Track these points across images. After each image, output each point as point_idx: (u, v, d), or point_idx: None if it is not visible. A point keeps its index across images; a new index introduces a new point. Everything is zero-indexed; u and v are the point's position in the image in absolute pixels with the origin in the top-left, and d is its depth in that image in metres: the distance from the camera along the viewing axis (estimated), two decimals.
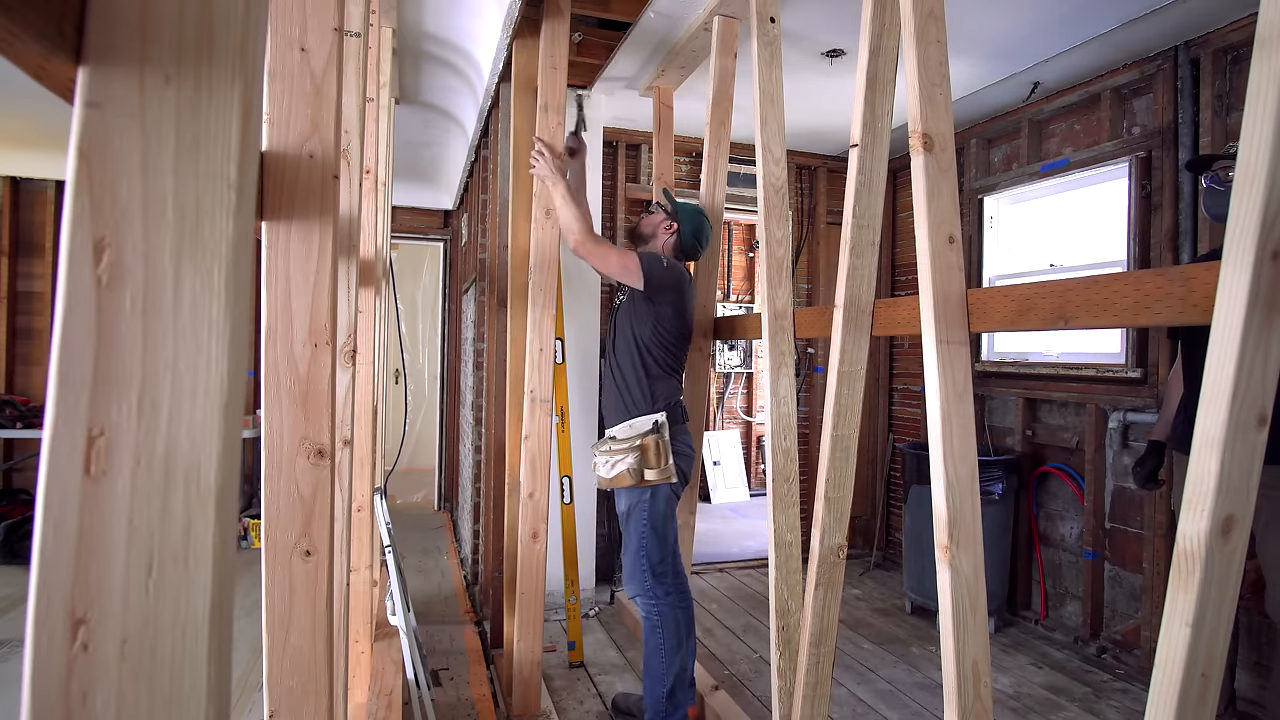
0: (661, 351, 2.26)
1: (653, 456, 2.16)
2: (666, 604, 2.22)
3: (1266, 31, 0.85)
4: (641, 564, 2.20)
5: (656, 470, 2.15)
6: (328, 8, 0.87)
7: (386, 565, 2.26)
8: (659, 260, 2.27)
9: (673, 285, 2.27)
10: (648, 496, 2.19)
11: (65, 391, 0.44)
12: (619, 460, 2.18)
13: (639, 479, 2.16)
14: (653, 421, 2.20)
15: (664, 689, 2.20)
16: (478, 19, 2.68)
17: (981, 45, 2.82)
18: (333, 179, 0.85)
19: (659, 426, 2.19)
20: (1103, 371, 2.98)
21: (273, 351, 0.85)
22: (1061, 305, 1.19)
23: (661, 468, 2.16)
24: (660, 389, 2.25)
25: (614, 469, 2.18)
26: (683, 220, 2.40)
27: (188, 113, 0.48)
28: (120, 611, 0.45)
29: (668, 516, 2.23)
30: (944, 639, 1.30)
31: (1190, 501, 0.91)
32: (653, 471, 2.15)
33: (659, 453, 2.16)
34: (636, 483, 2.16)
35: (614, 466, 2.18)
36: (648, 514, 2.19)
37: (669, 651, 2.20)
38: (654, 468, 2.15)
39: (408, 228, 5.59)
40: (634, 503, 2.20)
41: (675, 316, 2.27)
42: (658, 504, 2.20)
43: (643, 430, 2.20)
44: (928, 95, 1.38)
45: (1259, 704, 2.44)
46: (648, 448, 2.16)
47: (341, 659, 1.42)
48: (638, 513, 2.20)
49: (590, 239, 2.26)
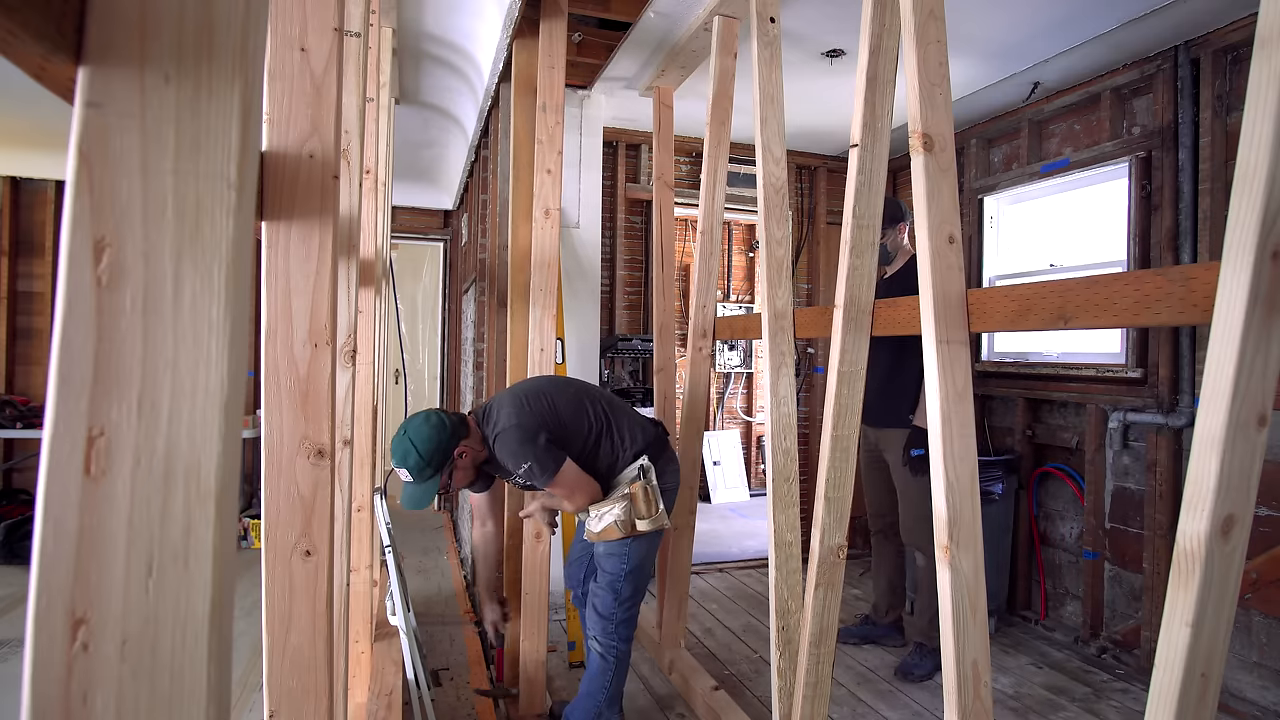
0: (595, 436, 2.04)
1: (643, 505, 1.98)
2: (625, 648, 2.09)
3: (1266, 31, 0.85)
4: (610, 605, 2.05)
5: (649, 520, 1.99)
6: (328, 8, 0.87)
7: (386, 565, 2.26)
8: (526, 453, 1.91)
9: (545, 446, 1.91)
10: (639, 542, 2.04)
11: (65, 391, 0.44)
12: (606, 512, 2.00)
13: (629, 530, 1.99)
14: (638, 468, 2.03)
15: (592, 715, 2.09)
16: (478, 19, 2.68)
17: (981, 45, 2.82)
18: (333, 179, 0.85)
19: (644, 471, 2.02)
20: (1103, 371, 2.98)
21: (273, 351, 0.85)
22: (1061, 305, 1.19)
23: (654, 515, 1.99)
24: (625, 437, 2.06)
25: (601, 521, 2.01)
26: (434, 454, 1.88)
27: (188, 113, 0.48)
28: (120, 611, 0.45)
29: (651, 558, 2.08)
30: (944, 639, 1.30)
31: (1190, 501, 0.91)
32: (644, 521, 1.99)
33: (649, 500, 1.99)
34: (627, 534, 2.00)
35: (601, 519, 2.01)
36: (629, 558, 2.03)
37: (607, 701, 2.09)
38: (645, 517, 1.98)
39: (408, 228, 5.59)
40: (615, 547, 2.04)
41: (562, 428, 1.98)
42: (640, 547, 2.04)
43: (630, 478, 2.03)
44: (928, 95, 1.38)
45: (1258, 704, 2.44)
46: (636, 496, 1.99)
47: (341, 659, 1.42)
48: (620, 554, 2.04)
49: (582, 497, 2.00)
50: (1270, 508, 2.41)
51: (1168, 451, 2.72)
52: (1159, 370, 2.77)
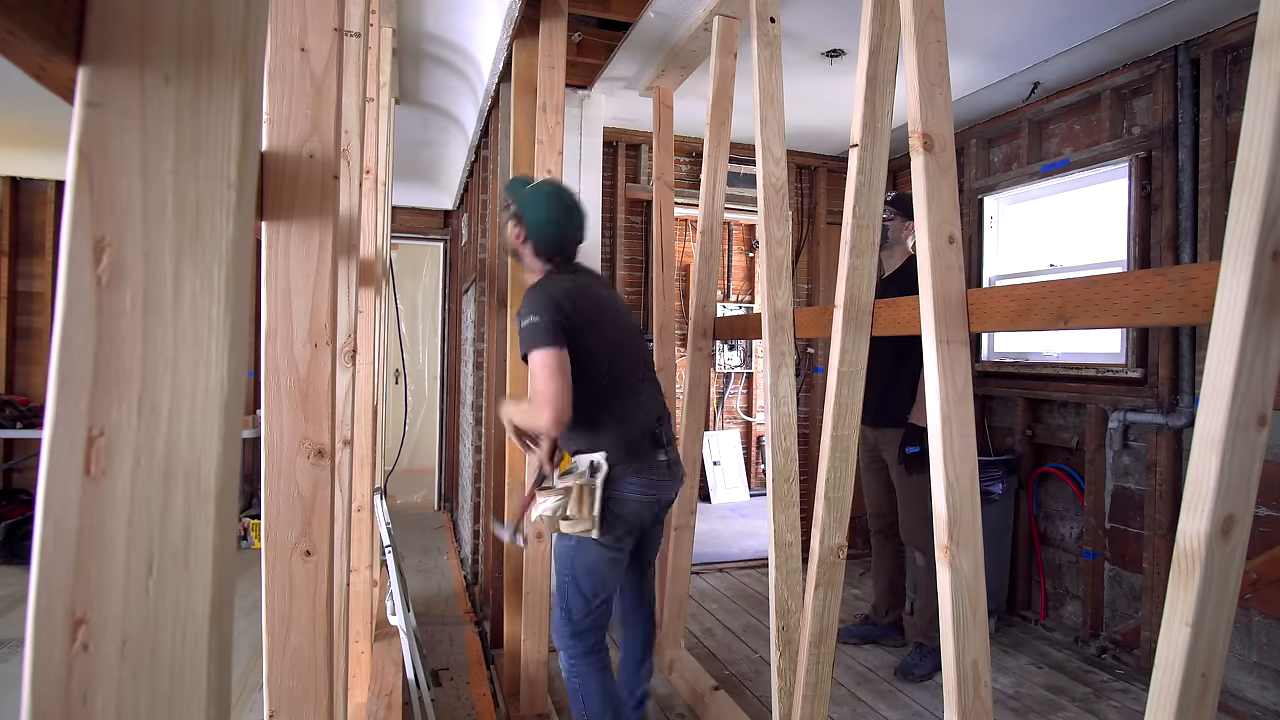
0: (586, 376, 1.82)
1: (573, 504, 1.79)
2: (584, 663, 1.88)
3: (1266, 31, 0.85)
4: (563, 616, 1.89)
5: (572, 522, 1.79)
6: (328, 8, 0.87)
7: (386, 565, 2.26)
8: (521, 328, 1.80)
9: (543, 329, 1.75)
10: (572, 543, 1.86)
11: (65, 391, 0.44)
12: (544, 500, 1.83)
13: (554, 526, 1.82)
14: (589, 461, 1.82)
15: None
16: (478, 19, 2.68)
17: (981, 45, 2.82)
18: (333, 179, 0.85)
19: (594, 469, 1.81)
20: (1103, 371, 2.98)
21: (273, 351, 0.85)
22: (1061, 305, 1.19)
23: (580, 518, 1.78)
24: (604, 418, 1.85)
25: (537, 509, 1.84)
26: (528, 217, 1.93)
27: (188, 113, 0.48)
28: (120, 611, 0.45)
29: (594, 571, 1.85)
30: (944, 639, 1.30)
31: (1190, 501, 0.91)
32: (568, 523, 1.80)
33: (581, 500, 1.79)
34: (550, 530, 1.85)
35: (538, 505, 1.84)
36: (570, 562, 1.87)
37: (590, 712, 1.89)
38: (569, 518, 1.79)
39: (408, 228, 5.59)
40: (559, 548, 1.90)
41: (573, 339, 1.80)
42: (584, 554, 1.85)
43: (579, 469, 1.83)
44: (928, 95, 1.38)
45: (1258, 704, 2.44)
46: (572, 491, 1.80)
47: (341, 659, 1.42)
48: (564, 558, 1.88)
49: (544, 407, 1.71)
50: (1270, 508, 2.41)
51: (1168, 451, 2.72)
52: (1159, 370, 2.77)
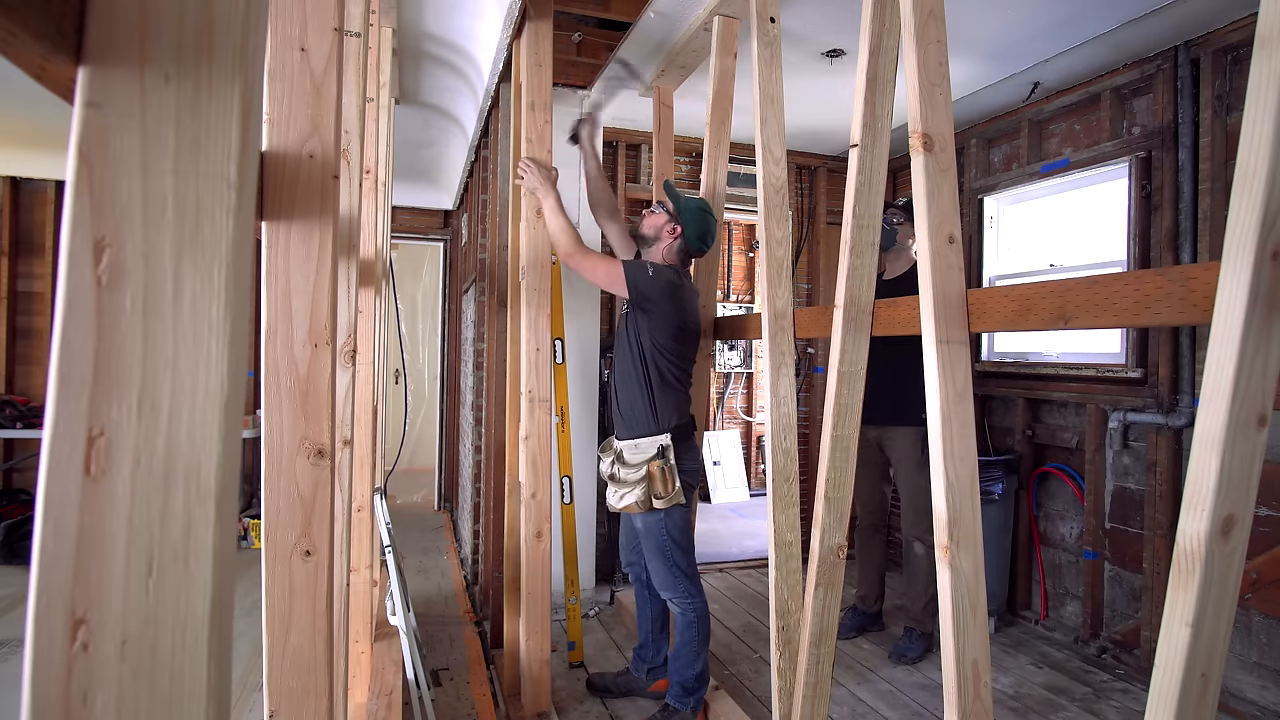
0: (664, 362, 2.23)
1: (659, 484, 2.18)
2: (701, 600, 2.29)
3: (1266, 31, 0.85)
4: (673, 572, 2.25)
5: (664, 498, 2.18)
6: (328, 8, 0.87)
7: (386, 565, 2.26)
8: (644, 269, 2.22)
9: (661, 293, 2.21)
10: (661, 514, 2.21)
11: (65, 391, 0.44)
12: (626, 493, 2.21)
13: (648, 507, 2.19)
14: (658, 446, 2.20)
15: (693, 672, 2.28)
16: (478, 19, 2.68)
17: (981, 45, 2.82)
18: (333, 179, 0.85)
19: (664, 451, 2.20)
20: (1103, 371, 2.98)
21: (273, 351, 0.85)
22: (1061, 305, 1.19)
23: (669, 494, 2.18)
24: (665, 404, 2.23)
25: (622, 500, 2.22)
26: (686, 222, 2.34)
27: (188, 113, 0.48)
28: (120, 611, 0.45)
29: (685, 525, 2.27)
30: (944, 639, 1.30)
31: (1190, 501, 0.91)
32: (660, 500, 2.18)
33: (665, 479, 2.17)
34: (645, 510, 2.20)
35: (622, 499, 2.22)
36: (666, 529, 2.23)
37: (700, 643, 2.28)
38: (661, 496, 2.18)
39: (408, 228, 5.59)
40: (650, 524, 2.23)
41: (670, 324, 2.23)
42: (674, 518, 2.22)
43: (648, 455, 2.20)
44: (928, 95, 1.38)
45: (1258, 704, 2.44)
46: (654, 476, 2.18)
47: (341, 659, 1.42)
48: (656, 531, 2.23)
49: (578, 250, 2.24)
50: (1270, 508, 2.41)
51: (1168, 451, 2.72)
52: (1159, 370, 2.77)
